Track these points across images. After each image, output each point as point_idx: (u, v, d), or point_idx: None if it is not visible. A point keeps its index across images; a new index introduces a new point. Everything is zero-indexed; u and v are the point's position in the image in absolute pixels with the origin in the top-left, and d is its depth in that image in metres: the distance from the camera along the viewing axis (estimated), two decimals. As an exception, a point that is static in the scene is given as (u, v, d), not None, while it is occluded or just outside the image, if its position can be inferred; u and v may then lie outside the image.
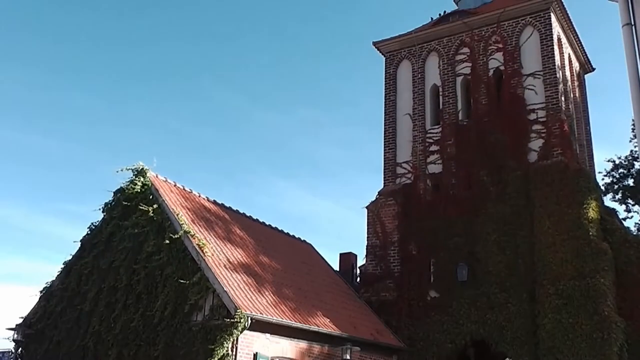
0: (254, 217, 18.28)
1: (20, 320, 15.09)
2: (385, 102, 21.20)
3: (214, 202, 16.81)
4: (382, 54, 21.92)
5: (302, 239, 20.42)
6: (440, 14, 21.96)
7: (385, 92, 21.35)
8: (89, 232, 15.01)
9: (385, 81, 21.50)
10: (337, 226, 57.80)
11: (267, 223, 18.86)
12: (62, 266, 15.09)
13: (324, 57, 60.73)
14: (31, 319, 14.97)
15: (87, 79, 55.06)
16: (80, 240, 15.03)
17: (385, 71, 21.66)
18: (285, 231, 19.66)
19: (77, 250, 14.97)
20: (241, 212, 17.81)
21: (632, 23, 6.81)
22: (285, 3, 60.49)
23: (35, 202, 53.69)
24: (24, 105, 51.74)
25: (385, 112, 21.02)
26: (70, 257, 15.01)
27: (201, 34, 58.14)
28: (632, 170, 26.44)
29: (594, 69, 23.08)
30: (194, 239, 13.23)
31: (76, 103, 53.40)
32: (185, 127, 56.90)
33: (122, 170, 14.60)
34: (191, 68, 56.74)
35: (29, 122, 51.86)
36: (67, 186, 54.25)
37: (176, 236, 13.23)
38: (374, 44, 21.97)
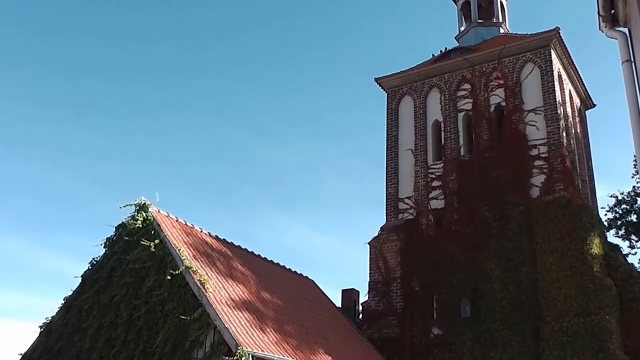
0: (256, 253, 18.21)
1: (19, 357, 14.92)
2: (387, 137, 21.29)
3: (216, 238, 16.76)
4: (384, 90, 22.09)
5: (304, 274, 20.30)
6: (441, 51, 22.18)
7: (387, 127, 21.46)
8: (90, 267, 14.93)
9: (387, 116, 21.63)
10: (339, 261, 57.51)
11: (269, 259, 18.78)
12: (62, 301, 14.98)
13: (324, 91, 61.22)
14: (30, 355, 14.80)
15: (88, 112, 55.45)
16: (81, 276, 14.96)
17: (387, 107, 21.80)
18: (287, 267, 19.55)
19: (78, 286, 14.88)
20: (243, 247, 17.74)
21: (632, 60, 6.87)
22: (286, 38, 61.23)
23: (36, 236, 53.54)
24: (25, 138, 52.02)
25: (387, 148, 21.09)
26: (70, 293, 14.92)
27: (201, 67, 58.69)
28: (634, 206, 26.37)
29: (594, 105, 23.21)
30: (196, 274, 13.16)
31: (78, 136, 53.70)
32: (185, 161, 57.10)
33: (125, 206, 14.62)
34: (191, 102, 57.14)
35: (29, 155, 52.07)
36: (68, 220, 54.19)
37: (177, 272, 13.16)
38: (376, 80, 22.14)
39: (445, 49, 22.19)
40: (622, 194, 26.55)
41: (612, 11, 7.37)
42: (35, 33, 52.32)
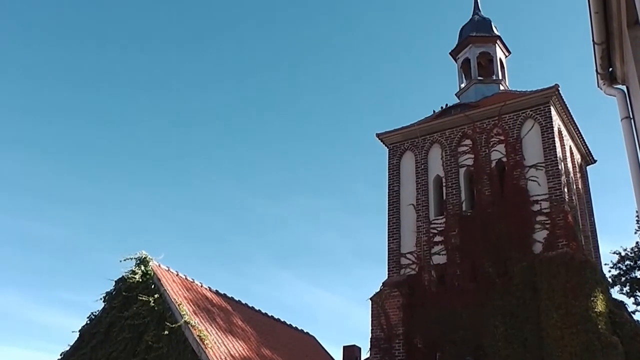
0: (256, 308, 18.01)
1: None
2: (388, 192, 21.31)
3: (216, 293, 16.62)
4: (386, 145, 22.22)
5: (305, 330, 20.02)
6: (442, 107, 22.40)
7: (388, 182, 21.50)
8: (88, 321, 14.79)
9: (389, 172, 21.69)
10: (339, 317, 56.89)
11: (270, 314, 18.55)
12: (59, 357, 14.76)
13: (324, 146, 61.65)
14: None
15: (85, 163, 55.77)
16: (79, 331, 14.78)
17: (389, 162, 21.89)
18: (288, 322, 19.30)
19: (76, 341, 14.70)
20: (243, 302, 17.56)
21: (631, 116, 6.93)
22: (283, 91, 61.97)
23: (32, 290, 53.18)
24: (20, 191, 52.20)
25: (388, 203, 21.09)
26: (67, 348, 14.71)
27: (201, 118, 59.33)
28: (639, 262, 26.19)
29: (595, 161, 23.30)
30: (195, 329, 13.01)
31: (75, 189, 53.96)
32: (183, 214, 57.13)
33: (125, 260, 14.57)
34: (188, 155, 57.52)
35: (25, 207, 52.12)
36: (65, 274, 53.89)
37: (176, 326, 13.00)
38: (378, 135, 22.31)
39: (446, 105, 22.42)
40: (625, 250, 26.43)
41: (610, 69, 7.48)
42: (38, 77, 53.07)
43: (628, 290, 26.04)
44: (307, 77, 62.21)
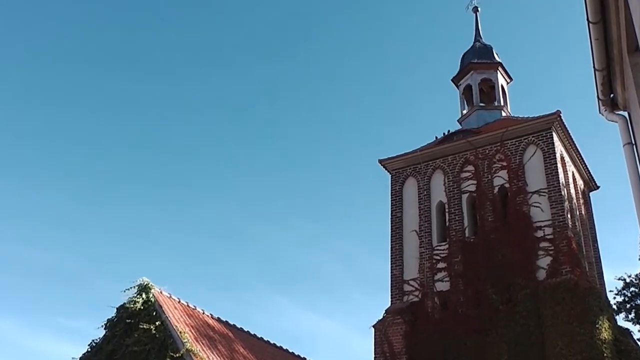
0: (258, 335, 17.88)
1: None
2: (391, 218, 21.26)
3: (218, 320, 16.52)
4: (388, 171, 22.21)
5: (307, 358, 19.85)
6: (444, 133, 22.44)
7: (391, 208, 21.46)
8: (89, 349, 14.68)
9: (392, 198, 21.67)
10: (339, 344, 56.29)
11: (271, 341, 18.41)
12: (59, 386, 14.63)
13: (324, 171, 61.66)
14: None
15: (85, 189, 55.83)
16: (80, 358, 14.67)
17: (391, 188, 21.87)
18: (290, 350, 19.15)
19: (76, 369, 14.57)
20: (245, 329, 17.44)
21: (633, 142, 6.92)
22: (287, 117, 62.17)
23: (32, 318, 52.82)
24: (18, 217, 52.18)
25: (391, 229, 21.02)
26: (68, 377, 14.60)
27: (198, 144, 59.50)
28: (644, 289, 25.97)
29: (598, 187, 23.24)
30: (197, 357, 12.90)
31: (75, 215, 53.88)
32: (184, 241, 57.01)
33: (127, 289, 14.52)
34: (189, 181, 57.61)
35: (22, 233, 52.08)
36: (65, 301, 53.58)
37: (178, 355, 12.90)
38: (380, 161, 22.31)
39: (448, 131, 22.47)
40: (630, 276, 26.21)
41: (611, 95, 7.50)
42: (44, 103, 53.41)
43: (633, 318, 25.78)
44: (308, 103, 62.57)
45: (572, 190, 20.38)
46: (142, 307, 14.18)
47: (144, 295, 14.33)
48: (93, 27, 56.07)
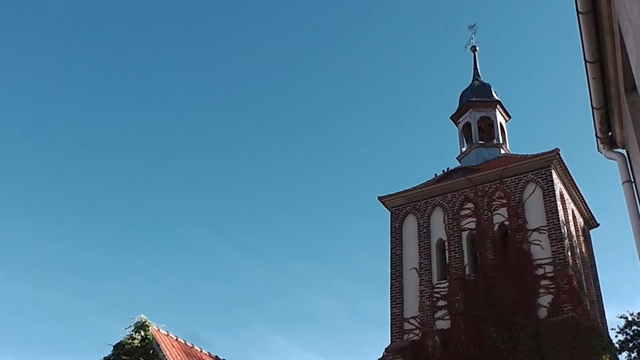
0: (257, 375, 17.66)
1: None
2: (391, 256, 21.16)
3: (216, 358, 16.32)
4: (387, 209, 22.19)
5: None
6: (443, 170, 22.49)
7: (391, 246, 21.38)
8: (85, 388, 14.49)
9: (391, 235, 21.59)
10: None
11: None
12: None
13: (322, 209, 61.57)
14: None
15: (81, 229, 55.74)
16: (76, 398, 14.47)
17: (391, 225, 21.82)
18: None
19: (72, 408, 14.36)
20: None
21: (632, 180, 6.94)
22: (283, 157, 62.31)
23: (28, 357, 52.16)
24: (16, 257, 52.05)
25: (391, 267, 20.92)
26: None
27: (196, 183, 59.57)
28: (646, 328, 25.76)
29: (598, 224, 23.19)
30: (194, 397, 12.72)
31: (71, 255, 53.75)
32: (181, 280, 56.72)
33: (127, 328, 14.41)
34: (186, 221, 57.54)
35: (19, 272, 51.81)
36: (62, 339, 52.96)
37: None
38: (379, 198, 22.30)
39: (448, 168, 22.52)
40: (632, 314, 26.03)
41: (610, 133, 7.55)
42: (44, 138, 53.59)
43: (636, 356, 25.52)
44: (308, 141, 62.79)
45: (572, 228, 20.35)
46: (139, 345, 14.04)
47: (141, 333, 14.20)
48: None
